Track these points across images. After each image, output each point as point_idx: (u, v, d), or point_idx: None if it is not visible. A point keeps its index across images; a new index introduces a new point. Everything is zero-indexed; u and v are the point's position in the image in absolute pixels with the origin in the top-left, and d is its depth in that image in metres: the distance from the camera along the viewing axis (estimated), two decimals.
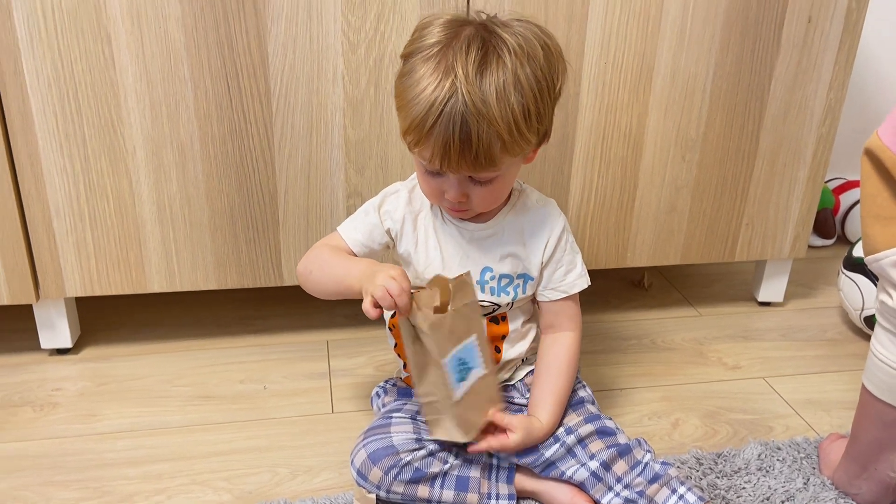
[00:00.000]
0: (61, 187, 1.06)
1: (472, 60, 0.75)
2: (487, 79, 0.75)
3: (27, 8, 0.96)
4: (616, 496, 0.84)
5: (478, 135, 0.75)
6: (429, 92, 0.75)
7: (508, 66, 0.76)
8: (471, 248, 0.89)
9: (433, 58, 0.77)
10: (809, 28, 1.15)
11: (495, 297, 0.91)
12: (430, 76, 0.76)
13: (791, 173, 1.25)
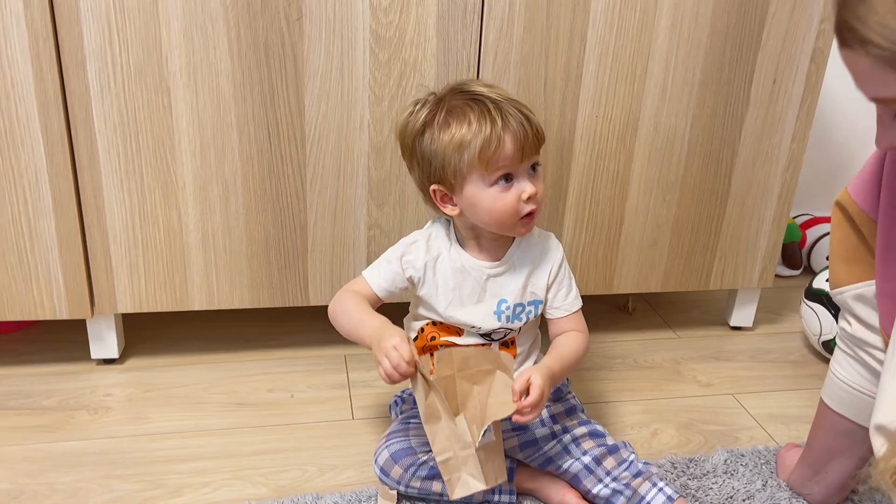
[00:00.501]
0: (119, 217, 1.21)
1: (479, 86, 0.99)
2: (501, 92, 0.99)
3: (99, 63, 1.12)
4: (605, 487, 0.99)
5: (527, 117, 0.96)
6: (476, 120, 0.95)
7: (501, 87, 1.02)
8: (487, 285, 1.03)
9: (448, 115, 0.97)
10: (774, 88, 1.32)
11: (510, 324, 1.04)
12: (463, 118, 0.95)
13: (759, 213, 1.42)
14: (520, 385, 0.90)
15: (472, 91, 0.99)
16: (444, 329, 1.05)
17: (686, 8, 1.23)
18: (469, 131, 0.94)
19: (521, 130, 0.95)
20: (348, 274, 1.31)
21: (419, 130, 0.99)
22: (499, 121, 0.94)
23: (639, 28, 1.23)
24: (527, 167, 0.97)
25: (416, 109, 1.01)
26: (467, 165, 0.95)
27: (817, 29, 1.29)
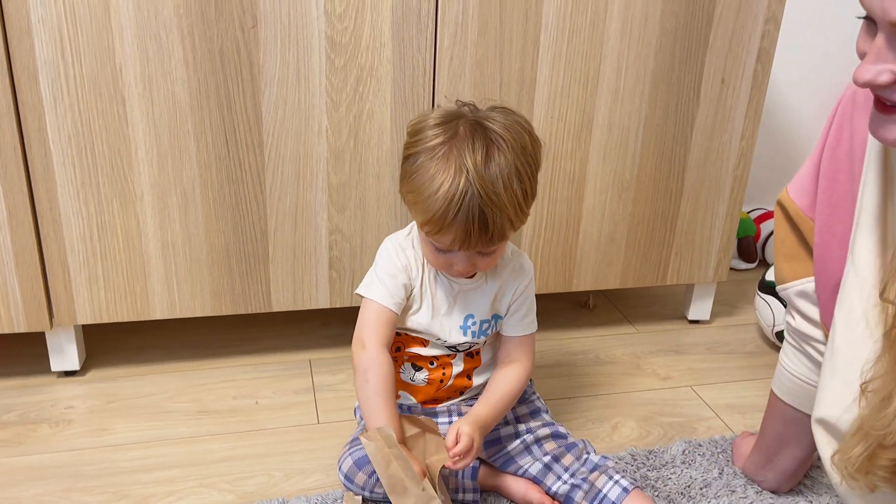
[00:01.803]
0: (76, 228, 1.20)
1: (478, 158, 0.87)
2: (494, 171, 0.87)
3: (52, 73, 1.11)
4: (564, 483, 1.02)
5: (493, 220, 0.88)
6: (445, 188, 0.87)
7: (509, 158, 0.89)
8: (459, 299, 1.03)
9: (441, 157, 0.89)
10: (723, 87, 1.36)
11: (475, 339, 1.05)
12: (443, 174, 0.87)
13: (712, 209, 1.46)
14: (451, 439, 0.92)
15: (464, 154, 0.88)
16: (409, 340, 1.06)
17: (635, 11, 1.26)
18: (430, 194, 0.89)
19: (465, 230, 0.88)
20: (311, 279, 1.31)
21: (420, 146, 0.92)
22: (454, 211, 0.87)
23: (590, 31, 1.26)
24: (469, 253, 0.94)
25: (434, 122, 0.93)
26: (417, 220, 0.94)
27: (762, 30, 1.33)
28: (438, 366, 1.07)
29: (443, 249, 0.95)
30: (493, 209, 0.87)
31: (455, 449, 0.91)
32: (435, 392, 1.09)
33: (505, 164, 0.88)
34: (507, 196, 0.88)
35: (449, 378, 1.08)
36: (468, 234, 0.89)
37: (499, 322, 1.07)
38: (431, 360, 1.07)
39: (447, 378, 1.08)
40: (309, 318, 1.52)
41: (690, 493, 1.10)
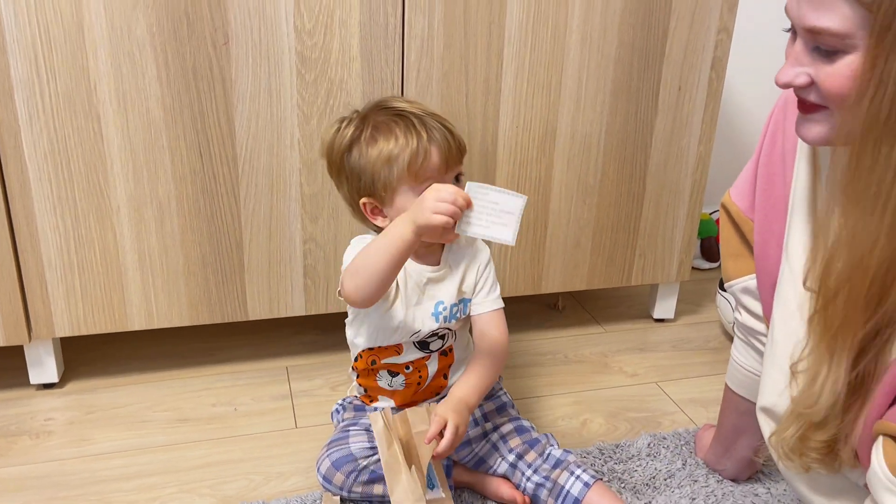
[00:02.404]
0: (54, 242, 1.22)
1: (401, 102, 1.06)
2: (423, 107, 1.06)
3: (27, 91, 1.13)
4: (529, 481, 1.06)
5: (450, 130, 1.03)
6: (402, 135, 1.00)
7: (422, 103, 1.10)
8: (427, 289, 1.08)
9: (374, 132, 1.02)
10: (680, 95, 1.42)
11: (448, 324, 1.10)
12: (389, 133, 1.01)
13: (673, 211, 1.51)
14: (434, 430, 0.96)
15: (395, 107, 1.05)
16: (382, 351, 1.10)
17: (594, 23, 1.32)
18: (397, 146, 1.00)
19: (444, 143, 1.01)
20: (286, 287, 1.35)
21: (346, 147, 1.05)
22: (424, 134, 1.00)
23: (551, 43, 1.31)
24: (451, 177, 1.04)
25: (341, 127, 1.06)
26: (397, 178, 1.01)
27: (715, 40, 1.39)
28: (414, 369, 1.12)
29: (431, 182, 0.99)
30: (445, 122, 1.04)
31: (440, 447, 0.95)
32: (413, 395, 1.13)
33: (422, 104, 1.09)
34: (443, 116, 1.06)
35: (426, 379, 1.12)
36: (448, 144, 1.02)
37: (467, 305, 1.11)
38: (407, 365, 1.11)
39: (424, 380, 1.12)
40: (285, 325, 1.56)
41: (655, 483, 1.15)
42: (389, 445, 0.97)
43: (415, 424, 1.00)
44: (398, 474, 0.95)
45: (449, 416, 0.97)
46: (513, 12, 1.27)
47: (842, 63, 0.70)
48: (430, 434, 0.96)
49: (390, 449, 0.97)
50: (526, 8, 1.27)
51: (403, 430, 1.00)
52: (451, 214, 0.89)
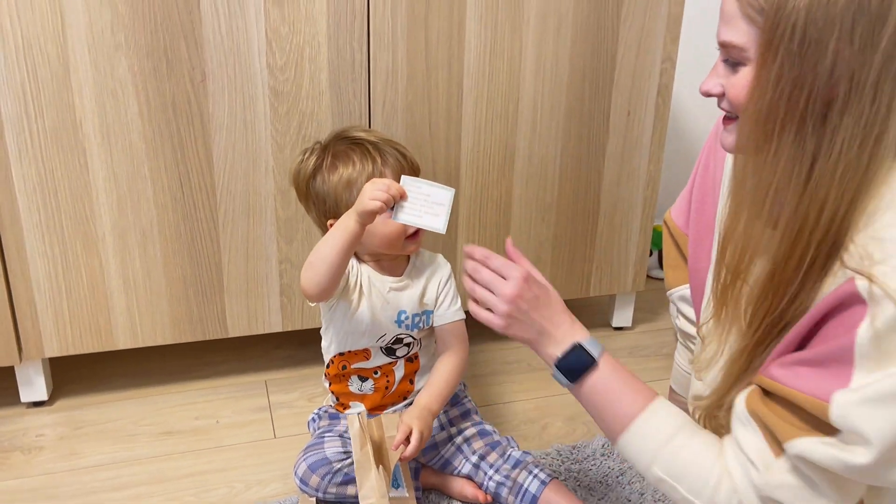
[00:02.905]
0: (43, 268, 1.30)
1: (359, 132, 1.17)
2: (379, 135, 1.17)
3: (16, 128, 1.21)
4: (491, 480, 1.16)
5: (402, 153, 1.14)
6: (359, 161, 1.11)
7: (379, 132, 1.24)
8: (390, 297, 1.17)
9: (335, 160, 1.13)
10: (629, 119, 1.52)
11: (411, 332, 1.19)
12: (348, 160, 1.12)
13: (626, 226, 1.62)
14: (400, 437, 1.05)
15: (352, 136, 1.16)
16: (352, 357, 1.19)
17: (547, 54, 1.42)
18: (354, 170, 1.11)
19: (397, 165, 1.12)
20: (263, 305, 1.43)
21: (311, 175, 1.15)
22: (378, 159, 1.11)
23: (508, 74, 1.41)
24: None
25: (305, 157, 1.17)
26: (356, 199, 1.09)
27: (660, 68, 1.50)
28: (382, 374, 1.21)
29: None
30: (399, 146, 1.15)
31: (406, 452, 1.05)
32: (381, 399, 1.22)
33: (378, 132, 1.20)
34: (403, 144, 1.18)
35: (393, 384, 1.22)
36: (400, 165, 1.12)
37: (430, 316, 1.21)
38: (375, 370, 1.20)
39: (391, 384, 1.22)
40: (263, 341, 1.64)
41: (608, 481, 1.25)
42: (362, 446, 1.06)
43: (387, 429, 1.09)
44: (368, 472, 1.04)
45: (414, 424, 1.07)
46: (471, 47, 1.37)
47: (741, 73, 0.80)
48: (397, 441, 1.05)
49: (363, 449, 1.05)
50: (483, 42, 1.37)
51: (377, 434, 1.09)
52: (385, 201, 0.99)
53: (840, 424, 0.71)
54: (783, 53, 0.75)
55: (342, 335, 1.17)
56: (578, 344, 0.89)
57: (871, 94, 0.73)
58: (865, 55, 0.73)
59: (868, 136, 0.74)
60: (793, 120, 0.76)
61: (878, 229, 0.74)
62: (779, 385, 0.77)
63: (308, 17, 1.27)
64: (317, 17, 1.28)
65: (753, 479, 0.78)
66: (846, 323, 0.73)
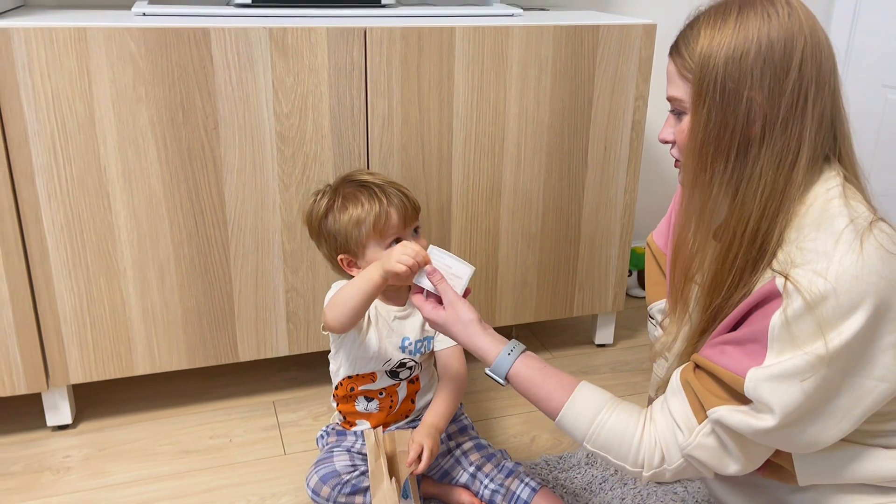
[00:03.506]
0: (69, 302, 1.41)
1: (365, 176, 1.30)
2: (383, 177, 1.29)
3: (46, 175, 1.33)
4: (486, 489, 1.28)
5: (405, 194, 1.26)
6: (366, 202, 1.23)
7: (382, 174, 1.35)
8: (394, 325, 1.29)
9: (344, 198, 1.25)
10: (606, 153, 1.66)
11: (414, 356, 1.31)
12: (356, 201, 1.23)
13: (606, 251, 1.75)
14: (413, 454, 1.18)
15: (359, 179, 1.28)
16: (359, 379, 1.31)
17: (529, 97, 1.55)
18: (363, 211, 1.23)
19: (401, 205, 1.24)
20: (272, 331, 1.55)
21: (323, 215, 1.27)
22: (384, 200, 1.23)
23: (493, 116, 1.54)
24: (410, 230, 1.26)
25: (317, 199, 1.29)
26: (365, 236, 1.24)
27: (633, 106, 1.64)
28: (387, 395, 1.32)
29: (397, 240, 1.23)
30: (401, 188, 1.27)
31: (419, 468, 1.18)
32: (385, 417, 1.34)
33: (382, 175, 1.32)
34: (403, 185, 1.30)
35: (396, 403, 1.33)
36: (404, 207, 1.23)
37: (430, 342, 1.33)
38: (381, 391, 1.32)
39: (395, 404, 1.33)
40: (271, 365, 1.75)
41: (591, 488, 1.36)
42: (377, 458, 1.17)
43: (399, 444, 1.21)
44: (380, 482, 1.16)
45: (424, 442, 1.19)
46: (459, 93, 1.50)
47: (684, 122, 0.99)
48: (411, 458, 1.17)
49: (377, 461, 1.17)
50: (470, 89, 1.50)
51: (390, 448, 1.21)
52: (410, 266, 1.11)
53: (752, 396, 0.88)
54: (709, 102, 0.93)
55: (351, 360, 1.29)
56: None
57: (781, 129, 0.91)
58: (774, 100, 0.91)
59: (782, 165, 0.92)
60: (721, 154, 0.94)
61: (802, 241, 0.91)
62: (708, 361, 0.94)
63: (311, 68, 1.40)
64: (319, 69, 1.41)
65: (679, 439, 0.95)
66: (765, 312, 0.89)
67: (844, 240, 0.87)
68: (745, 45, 0.90)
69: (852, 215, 0.90)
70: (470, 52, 1.48)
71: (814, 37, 0.91)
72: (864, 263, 0.85)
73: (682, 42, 0.96)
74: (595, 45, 1.56)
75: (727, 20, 0.91)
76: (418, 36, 1.44)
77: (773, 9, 0.90)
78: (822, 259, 0.87)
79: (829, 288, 0.85)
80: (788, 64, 0.89)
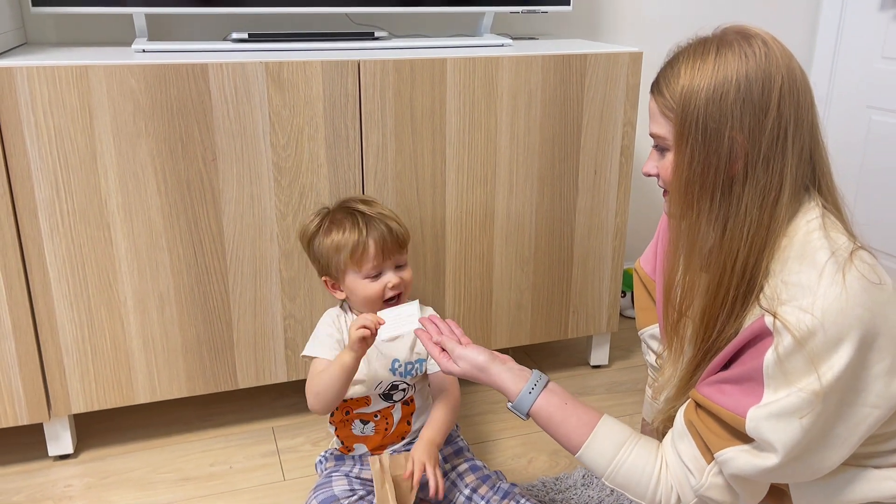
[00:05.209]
0: (71, 333, 1.43)
1: (357, 203, 1.32)
2: (373, 206, 1.32)
3: (49, 209, 1.36)
4: None
5: (389, 227, 1.27)
6: (349, 228, 1.27)
7: (376, 202, 1.35)
8: (383, 348, 1.32)
9: (332, 223, 1.30)
10: (596, 177, 1.69)
11: (405, 378, 1.34)
12: (341, 226, 1.27)
13: (598, 274, 1.78)
14: (417, 476, 1.21)
15: (351, 206, 1.33)
16: (354, 403, 1.33)
17: (520, 124, 1.59)
18: (342, 238, 1.28)
19: (380, 238, 1.27)
20: (270, 358, 1.57)
21: (312, 235, 1.33)
22: (364, 230, 1.27)
23: (485, 143, 1.57)
24: (391, 265, 1.29)
25: (311, 219, 1.35)
26: (343, 263, 1.29)
27: (622, 131, 1.67)
28: (382, 417, 1.35)
29: (373, 276, 1.28)
30: (388, 220, 1.29)
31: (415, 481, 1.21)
32: (382, 439, 1.36)
33: (375, 204, 1.35)
34: (389, 213, 1.32)
35: (392, 425, 1.36)
36: (384, 241, 1.26)
37: (423, 364, 1.35)
38: (376, 413, 1.34)
39: (391, 426, 1.36)
40: (269, 391, 1.77)
41: None
42: (382, 485, 1.20)
43: (402, 468, 1.23)
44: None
45: (426, 461, 1.22)
46: (451, 121, 1.53)
47: (667, 158, 1.01)
48: (416, 480, 1.20)
49: (383, 487, 1.19)
50: (462, 117, 1.54)
51: (395, 472, 1.23)
52: (368, 327, 1.19)
53: (754, 435, 0.90)
54: (692, 142, 0.95)
55: None
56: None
57: (763, 167, 0.93)
58: (755, 139, 0.93)
59: (766, 200, 0.95)
60: (706, 192, 0.96)
61: (787, 275, 0.93)
62: (708, 401, 0.96)
63: (306, 100, 1.44)
64: (314, 101, 1.44)
65: (692, 482, 0.98)
66: (758, 350, 0.92)
67: (827, 273, 0.89)
68: (724, 85, 0.92)
69: (833, 247, 0.91)
70: (461, 81, 1.52)
71: (790, 74, 0.93)
72: (847, 296, 0.87)
73: (662, 80, 0.99)
74: (583, 72, 1.60)
75: (706, 60, 0.94)
76: (411, 67, 1.48)
77: (750, 49, 0.92)
78: (807, 294, 0.88)
79: (816, 323, 0.86)
80: (767, 103, 0.91)
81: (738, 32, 0.95)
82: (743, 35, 0.94)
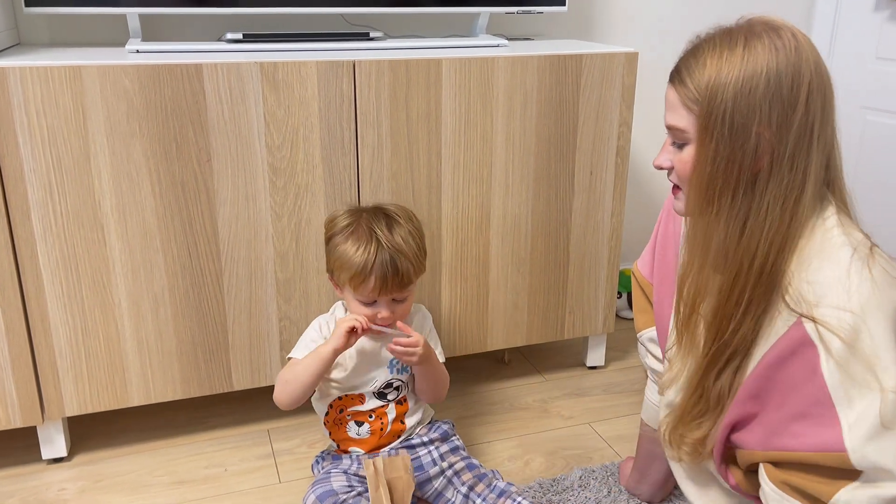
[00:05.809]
0: (64, 335, 1.42)
1: (382, 226, 1.27)
2: (396, 233, 1.27)
3: (42, 211, 1.35)
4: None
5: (401, 266, 1.24)
6: (361, 251, 1.24)
7: (403, 226, 1.30)
8: (381, 347, 1.32)
9: (354, 231, 1.28)
10: (592, 178, 1.69)
11: (400, 375, 1.35)
12: (358, 241, 1.26)
13: (594, 274, 1.77)
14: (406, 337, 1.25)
15: (374, 225, 1.28)
16: (348, 400, 1.33)
17: (515, 124, 1.58)
18: (350, 257, 1.26)
19: (382, 275, 1.24)
20: (265, 360, 1.56)
21: (335, 231, 1.32)
22: (374, 261, 1.24)
23: (481, 144, 1.57)
24: (387, 300, 1.28)
25: (341, 215, 1.34)
26: (343, 280, 1.28)
27: (617, 132, 1.67)
28: (376, 417, 1.35)
29: (367, 303, 1.27)
30: (400, 258, 1.24)
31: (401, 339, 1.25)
32: (377, 441, 1.36)
33: (401, 229, 1.29)
34: (408, 248, 1.27)
35: (387, 425, 1.36)
36: (385, 279, 1.23)
37: None
38: (370, 413, 1.34)
39: (385, 426, 1.36)
40: (265, 393, 1.76)
41: None
42: (377, 488, 1.19)
43: (396, 470, 1.23)
44: None
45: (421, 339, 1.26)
46: (447, 121, 1.53)
47: (686, 152, 0.97)
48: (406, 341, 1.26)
49: (377, 491, 1.19)
50: (458, 117, 1.54)
51: (389, 475, 1.22)
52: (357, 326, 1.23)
53: (862, 466, 0.83)
54: (717, 136, 0.91)
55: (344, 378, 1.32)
56: None
57: (788, 165, 0.90)
58: (782, 135, 0.90)
59: (788, 199, 0.91)
60: (728, 188, 0.93)
61: (810, 273, 0.90)
62: (790, 454, 0.89)
63: (301, 101, 1.43)
64: (309, 101, 1.44)
65: None
66: (805, 365, 0.86)
67: (854, 269, 0.87)
68: (753, 78, 0.88)
69: (854, 243, 0.90)
70: (457, 82, 1.51)
71: (818, 69, 0.90)
72: (879, 290, 0.86)
73: (685, 70, 0.94)
74: (579, 73, 1.60)
75: (734, 51, 0.89)
76: (406, 68, 1.48)
77: (780, 41, 0.89)
78: (838, 291, 0.86)
79: (857, 320, 0.85)
80: (796, 98, 0.88)
81: (766, 24, 0.91)
82: (771, 26, 0.91)
